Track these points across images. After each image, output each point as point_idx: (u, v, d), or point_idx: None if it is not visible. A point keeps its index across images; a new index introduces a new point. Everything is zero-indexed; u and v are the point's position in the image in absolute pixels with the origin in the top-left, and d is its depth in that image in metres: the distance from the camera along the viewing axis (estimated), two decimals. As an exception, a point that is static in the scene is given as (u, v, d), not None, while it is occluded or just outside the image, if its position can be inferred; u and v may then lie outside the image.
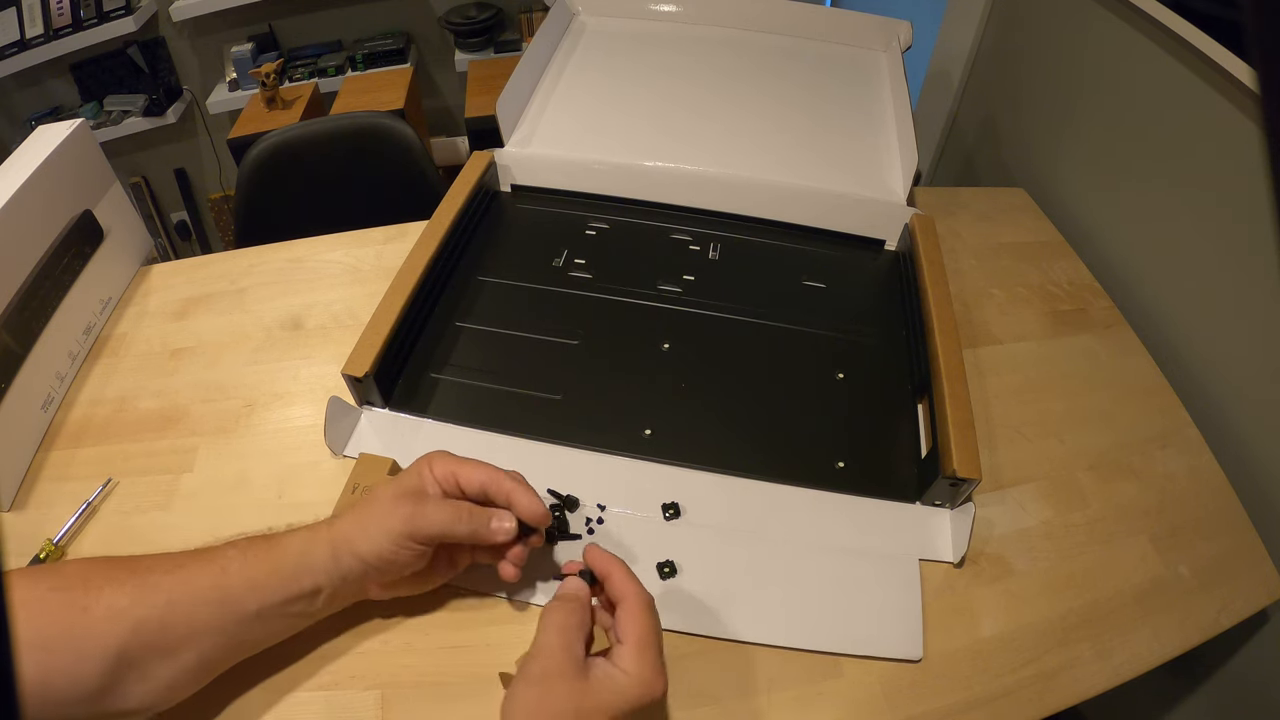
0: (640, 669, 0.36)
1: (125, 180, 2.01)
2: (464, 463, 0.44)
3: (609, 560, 0.41)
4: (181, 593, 0.38)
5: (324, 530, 0.42)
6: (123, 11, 1.72)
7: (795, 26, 0.91)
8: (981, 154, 1.11)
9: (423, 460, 0.44)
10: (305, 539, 0.41)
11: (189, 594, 0.38)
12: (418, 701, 0.44)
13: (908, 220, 0.71)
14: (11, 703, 0.12)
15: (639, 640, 0.37)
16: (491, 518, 0.42)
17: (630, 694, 0.36)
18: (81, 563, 0.39)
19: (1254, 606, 0.51)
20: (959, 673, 0.46)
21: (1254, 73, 0.12)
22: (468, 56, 1.94)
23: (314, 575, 0.41)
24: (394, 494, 0.42)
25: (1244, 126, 0.62)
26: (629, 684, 0.36)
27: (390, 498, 0.42)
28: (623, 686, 0.36)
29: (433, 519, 0.41)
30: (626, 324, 0.64)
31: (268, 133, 1.04)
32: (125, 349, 0.66)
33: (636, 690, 0.36)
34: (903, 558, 0.51)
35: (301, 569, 0.40)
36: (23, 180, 0.58)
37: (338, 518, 0.42)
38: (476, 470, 0.43)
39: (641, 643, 0.37)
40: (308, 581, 0.40)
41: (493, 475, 0.43)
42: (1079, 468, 0.58)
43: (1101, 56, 0.81)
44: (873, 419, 0.59)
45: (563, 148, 0.76)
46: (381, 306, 0.58)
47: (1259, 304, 0.62)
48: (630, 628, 0.38)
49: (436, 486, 0.43)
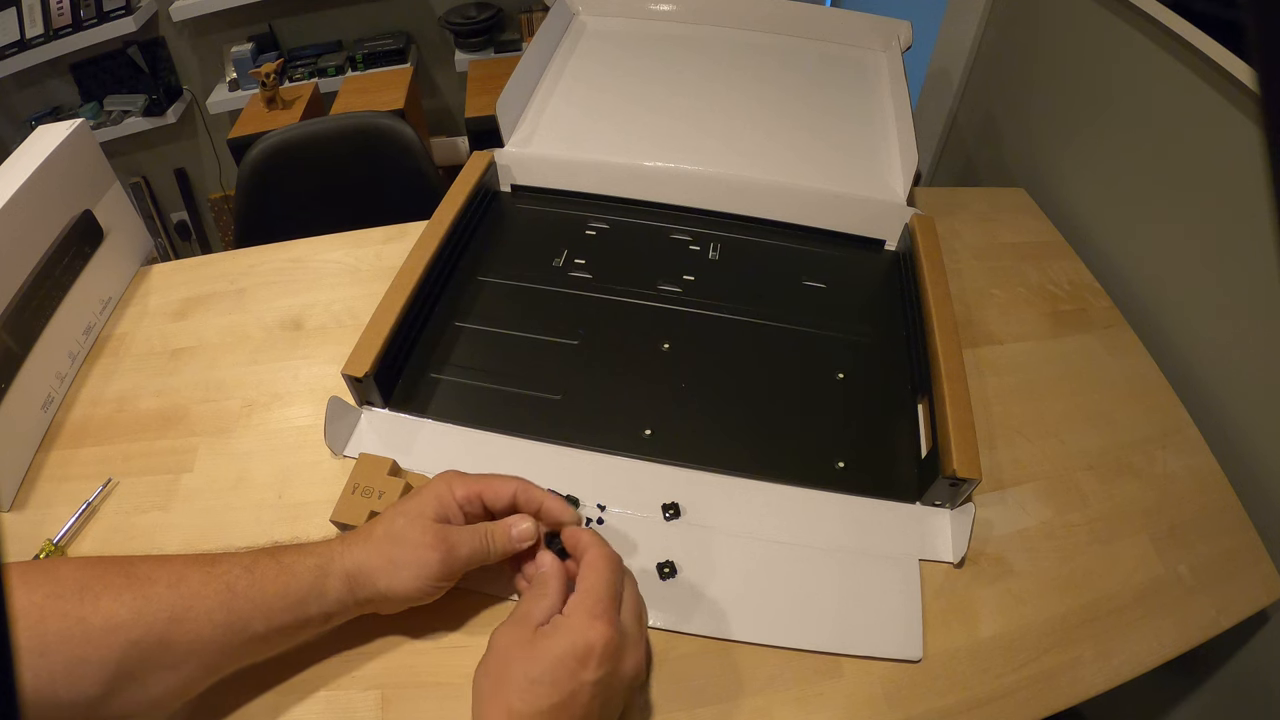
0: (578, 615, 0.36)
1: (125, 180, 2.01)
2: (486, 481, 0.43)
3: (578, 530, 0.42)
4: (185, 609, 0.37)
5: (338, 558, 0.40)
6: (123, 11, 1.72)
7: (795, 26, 0.91)
8: (981, 154, 1.11)
9: (442, 484, 0.43)
10: (317, 567, 0.40)
11: (193, 612, 0.37)
12: (418, 701, 0.44)
13: (908, 220, 0.71)
14: (12, 703, 0.12)
15: (584, 588, 0.38)
16: (511, 529, 0.42)
17: (565, 638, 0.36)
18: (76, 566, 0.37)
19: (1254, 606, 0.51)
20: (959, 673, 0.46)
21: (1254, 73, 0.12)
22: (468, 56, 1.94)
23: (325, 603, 0.40)
24: (422, 530, 0.41)
25: (1244, 126, 0.62)
26: (566, 628, 0.36)
27: (420, 536, 0.40)
28: (561, 631, 0.36)
29: (463, 553, 0.41)
30: (626, 324, 0.64)
31: (268, 133, 1.04)
32: (125, 349, 0.66)
33: (571, 636, 0.36)
34: (903, 558, 0.51)
35: (312, 596, 0.39)
36: (23, 180, 0.58)
37: (352, 543, 0.41)
38: (503, 486, 0.43)
39: (585, 590, 0.38)
40: (317, 609, 0.40)
41: (521, 486, 0.43)
42: (1079, 468, 0.58)
43: (1102, 57, 0.81)
44: (873, 419, 0.59)
45: (563, 148, 0.76)
46: (381, 306, 0.58)
47: (1259, 304, 0.62)
48: (581, 578, 0.38)
49: (460, 513, 0.42)
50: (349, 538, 0.42)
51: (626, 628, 0.38)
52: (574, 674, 0.35)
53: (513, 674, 0.35)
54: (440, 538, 0.40)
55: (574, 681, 0.35)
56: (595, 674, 0.35)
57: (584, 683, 0.35)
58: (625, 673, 0.37)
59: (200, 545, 0.51)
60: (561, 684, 0.34)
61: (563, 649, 0.35)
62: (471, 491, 0.43)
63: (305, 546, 0.41)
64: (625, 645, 0.37)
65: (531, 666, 0.35)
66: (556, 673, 0.35)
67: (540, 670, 0.35)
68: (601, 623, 0.36)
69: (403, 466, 0.53)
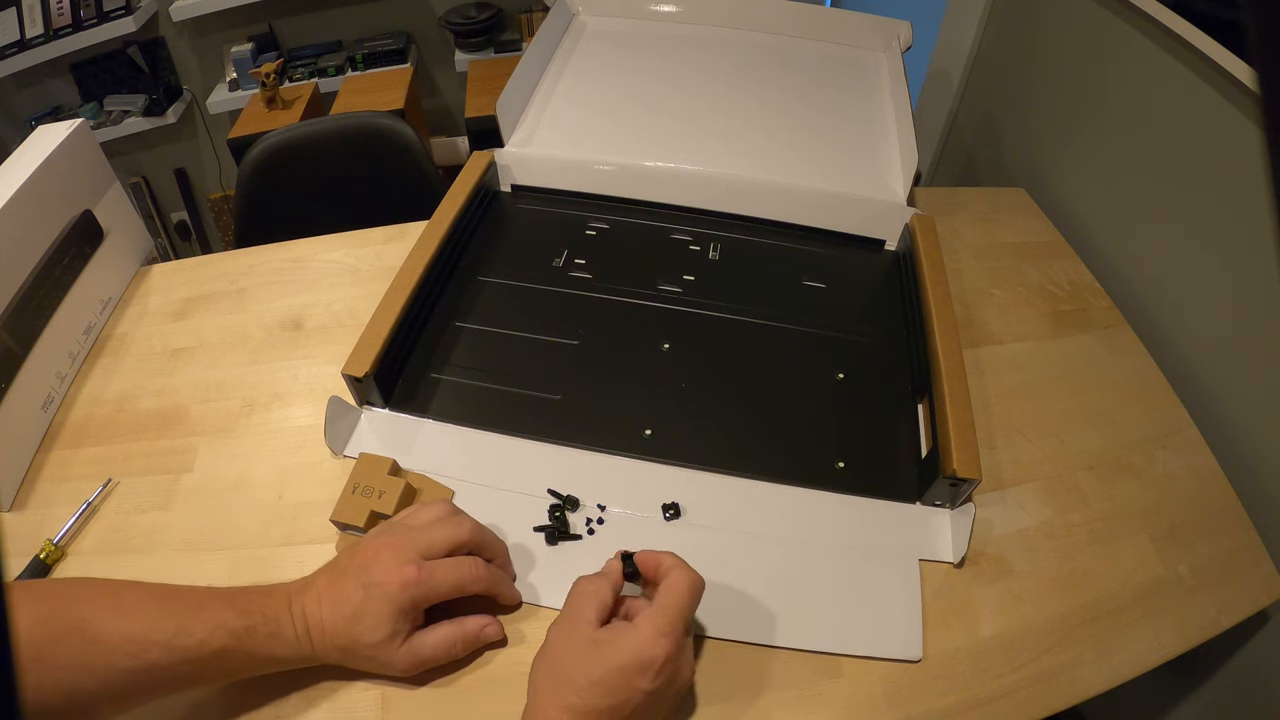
0: (648, 629, 0.38)
1: (125, 180, 2.01)
2: (428, 589, 0.42)
3: (658, 553, 0.43)
4: (146, 681, 0.37)
5: (320, 650, 0.41)
6: (123, 11, 1.72)
7: (795, 26, 0.91)
8: (981, 154, 1.11)
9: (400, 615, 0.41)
10: (298, 655, 0.41)
11: (154, 683, 0.37)
12: (418, 701, 0.44)
13: (908, 220, 0.71)
14: (12, 704, 0.12)
15: (660, 605, 0.39)
16: (484, 627, 0.45)
17: (630, 649, 0.37)
18: (31, 621, 0.35)
19: (1254, 606, 0.51)
20: (959, 673, 0.46)
21: (1254, 73, 0.12)
22: (468, 56, 1.94)
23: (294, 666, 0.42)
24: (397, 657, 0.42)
25: (1244, 126, 0.62)
26: (634, 640, 0.37)
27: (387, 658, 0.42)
28: (628, 640, 0.37)
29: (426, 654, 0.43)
30: (626, 324, 0.64)
31: (268, 133, 1.04)
32: (125, 349, 0.66)
33: (638, 648, 0.37)
34: (903, 558, 0.51)
35: (284, 667, 0.41)
36: (23, 180, 0.58)
37: (333, 631, 0.40)
38: (444, 584, 0.42)
39: (658, 604, 0.39)
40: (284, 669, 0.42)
41: (459, 575, 0.43)
42: (1079, 468, 0.58)
43: (1102, 57, 0.81)
44: (873, 419, 0.59)
45: (563, 148, 0.76)
46: (381, 306, 0.58)
47: (1259, 304, 0.62)
48: (661, 594, 0.40)
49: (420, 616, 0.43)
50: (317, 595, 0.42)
51: (685, 645, 0.40)
52: (631, 682, 0.37)
53: (573, 672, 0.37)
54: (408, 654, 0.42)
55: (630, 689, 0.37)
56: (651, 685, 0.37)
57: (639, 690, 0.37)
58: (678, 685, 0.39)
59: (200, 545, 0.52)
60: (618, 690, 0.36)
61: (626, 658, 0.37)
62: (417, 600, 0.42)
63: (285, 625, 0.40)
64: (682, 661, 0.39)
65: (593, 668, 0.37)
66: (616, 679, 0.36)
67: (601, 673, 0.37)
68: (667, 640, 0.38)
69: (403, 466, 0.53)
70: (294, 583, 0.42)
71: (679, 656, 0.38)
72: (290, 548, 0.51)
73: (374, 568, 0.41)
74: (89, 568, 0.51)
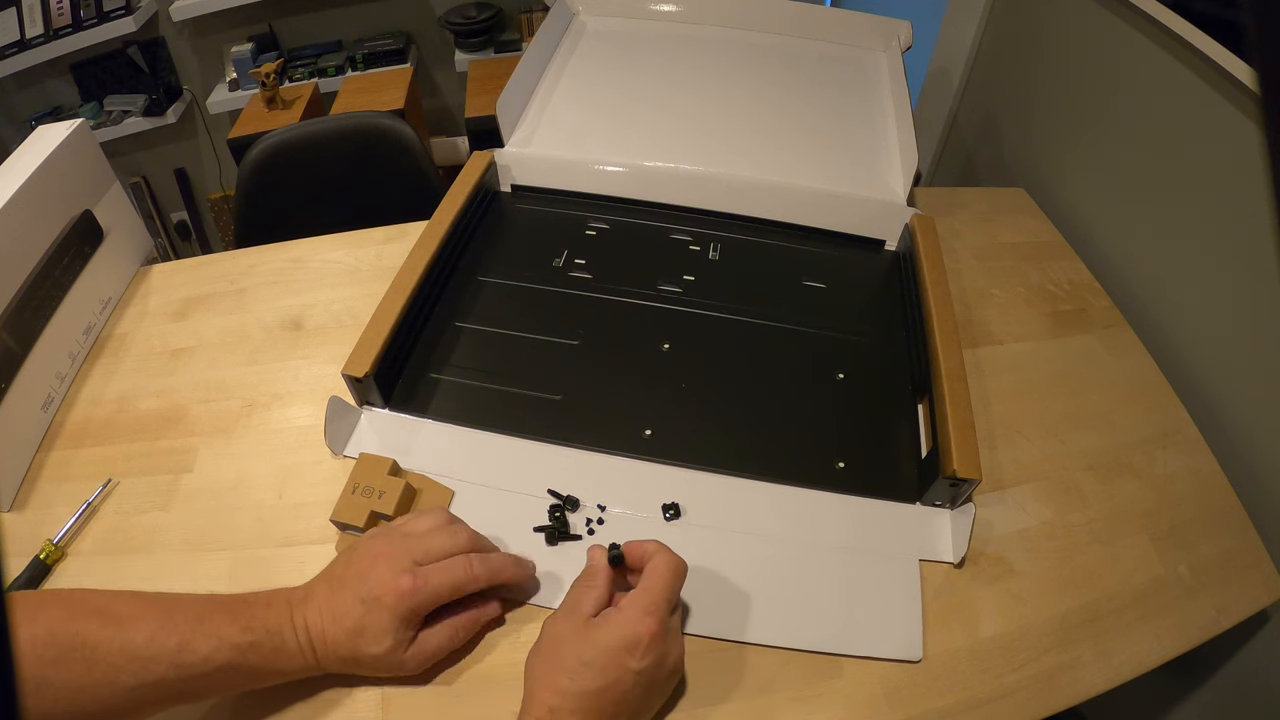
0: (633, 609, 0.39)
1: (125, 180, 2.01)
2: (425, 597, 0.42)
3: (643, 541, 0.44)
4: (149, 697, 0.37)
5: (325, 662, 0.41)
6: (123, 11, 1.72)
7: (795, 26, 0.91)
8: (981, 154, 1.11)
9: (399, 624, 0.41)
10: (302, 667, 0.41)
11: (156, 699, 0.37)
12: (418, 701, 0.44)
13: (908, 220, 0.71)
14: (12, 704, 0.12)
15: (644, 587, 0.41)
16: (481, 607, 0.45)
17: (617, 629, 0.39)
18: (31, 644, 0.35)
19: (1254, 606, 0.51)
20: (959, 673, 0.46)
21: (1254, 73, 0.12)
22: (468, 56, 1.94)
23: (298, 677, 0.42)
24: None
25: (1244, 126, 0.62)
26: (620, 620, 0.39)
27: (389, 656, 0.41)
28: (614, 622, 0.39)
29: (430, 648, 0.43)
30: (626, 324, 0.64)
31: (268, 133, 1.04)
32: (125, 349, 0.66)
33: (624, 628, 0.39)
34: (903, 558, 0.51)
35: (289, 679, 0.42)
36: (23, 180, 0.58)
37: (335, 643, 0.40)
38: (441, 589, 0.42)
39: (641, 587, 0.41)
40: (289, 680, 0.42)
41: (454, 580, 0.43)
42: (1079, 468, 0.58)
43: (1102, 56, 0.81)
44: (873, 419, 0.59)
45: (563, 148, 0.76)
46: (381, 306, 0.58)
47: (1259, 304, 0.62)
48: (645, 578, 0.41)
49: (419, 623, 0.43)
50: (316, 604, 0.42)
51: (673, 626, 0.41)
52: (621, 662, 0.38)
53: (565, 656, 0.38)
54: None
55: (620, 669, 0.38)
56: (640, 664, 0.38)
57: (629, 670, 0.38)
58: (668, 666, 0.40)
59: (200, 545, 0.52)
60: (608, 670, 0.38)
61: (614, 638, 0.38)
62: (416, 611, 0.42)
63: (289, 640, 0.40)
64: (669, 642, 0.40)
65: (584, 650, 0.38)
66: (605, 659, 0.38)
67: (592, 655, 0.38)
68: (651, 618, 0.39)
69: (403, 466, 0.53)
70: (294, 592, 0.42)
71: (665, 636, 0.40)
72: (290, 548, 0.51)
73: (370, 578, 0.41)
74: (89, 568, 0.51)
